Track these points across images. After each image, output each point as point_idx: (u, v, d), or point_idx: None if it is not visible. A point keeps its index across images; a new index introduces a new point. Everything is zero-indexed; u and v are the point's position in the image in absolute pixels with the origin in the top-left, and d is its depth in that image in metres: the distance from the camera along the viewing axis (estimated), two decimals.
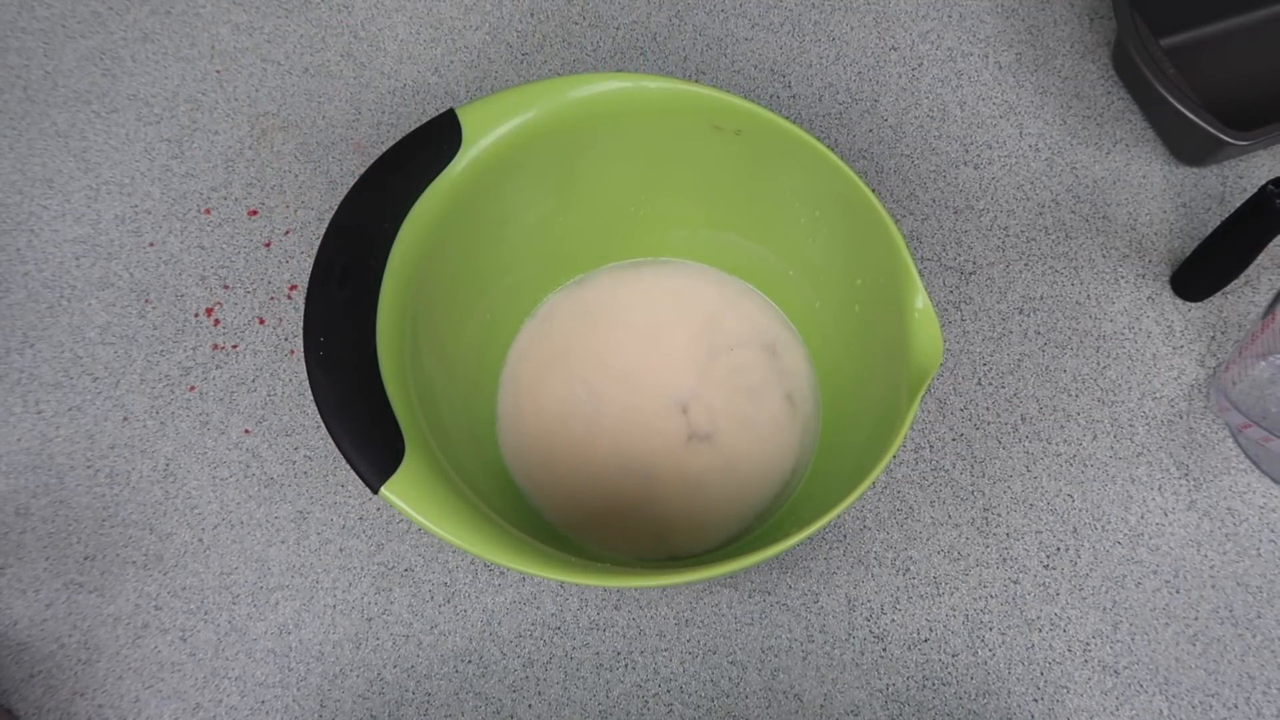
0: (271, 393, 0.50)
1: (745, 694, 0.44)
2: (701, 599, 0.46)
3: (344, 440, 0.35)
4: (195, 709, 0.44)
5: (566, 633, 0.45)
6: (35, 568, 0.47)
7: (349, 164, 0.55)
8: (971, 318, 0.51)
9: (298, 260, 0.53)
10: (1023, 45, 0.58)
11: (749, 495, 0.46)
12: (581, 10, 0.59)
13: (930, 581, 0.46)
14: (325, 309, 0.37)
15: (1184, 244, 0.53)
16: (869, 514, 0.47)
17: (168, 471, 0.48)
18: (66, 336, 0.51)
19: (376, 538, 0.47)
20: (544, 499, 0.46)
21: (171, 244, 0.53)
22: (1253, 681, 0.44)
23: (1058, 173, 0.55)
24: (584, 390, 0.48)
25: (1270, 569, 0.46)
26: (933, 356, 0.37)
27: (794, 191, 0.44)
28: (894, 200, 0.54)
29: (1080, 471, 0.48)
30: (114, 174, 0.55)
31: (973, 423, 0.49)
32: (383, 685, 0.45)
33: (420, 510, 0.34)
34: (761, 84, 0.57)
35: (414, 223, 0.40)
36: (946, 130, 0.56)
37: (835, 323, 0.46)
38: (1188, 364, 0.50)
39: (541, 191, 0.45)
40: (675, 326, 0.49)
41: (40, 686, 0.45)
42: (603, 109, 0.42)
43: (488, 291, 0.46)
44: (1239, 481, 0.48)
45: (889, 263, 0.39)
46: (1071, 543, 0.47)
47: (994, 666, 0.45)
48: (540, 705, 0.44)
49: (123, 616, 0.46)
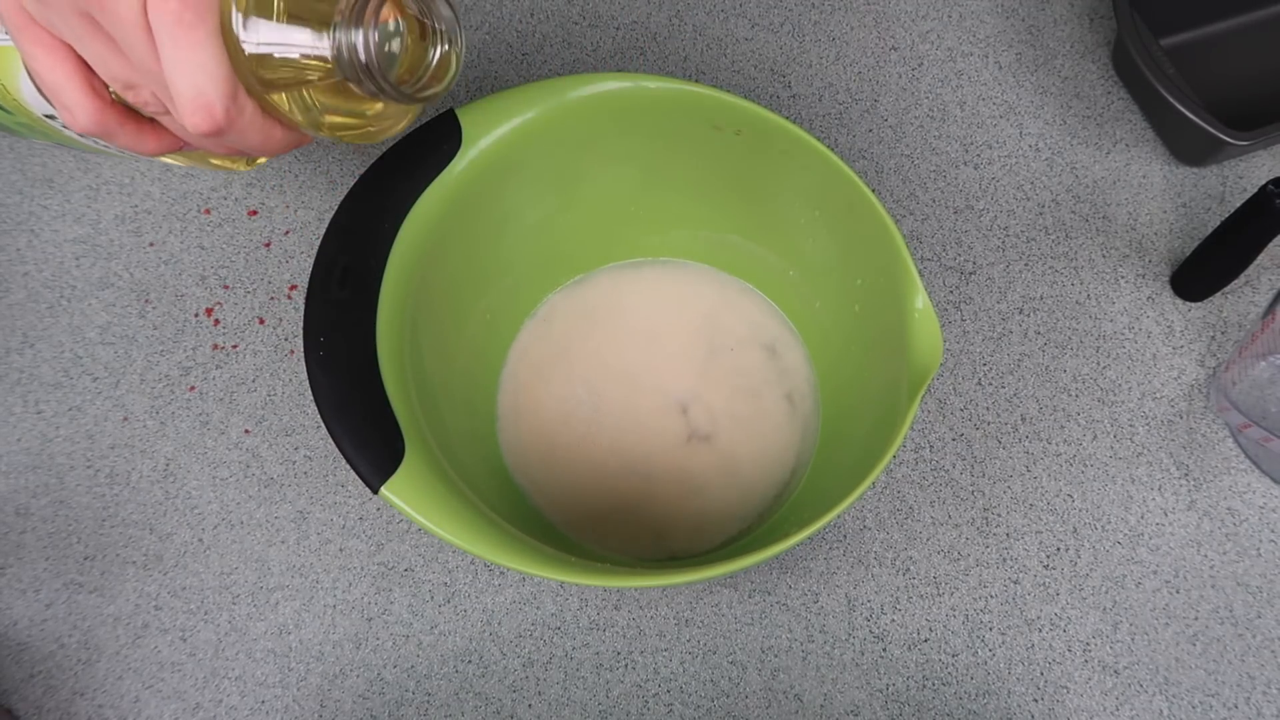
0: (271, 393, 0.50)
1: (745, 694, 0.44)
2: (701, 599, 0.46)
3: (344, 440, 0.35)
4: (195, 709, 0.44)
5: (566, 633, 0.45)
6: (35, 568, 0.47)
7: (349, 164, 0.55)
8: (971, 318, 0.51)
9: (298, 260, 0.53)
10: (1023, 45, 0.58)
11: (749, 495, 0.46)
12: (581, 10, 0.59)
13: (930, 581, 0.46)
14: (325, 309, 0.37)
15: (1184, 244, 0.53)
16: (869, 514, 0.47)
17: (168, 471, 0.48)
18: (66, 336, 0.51)
19: (376, 538, 0.47)
20: (544, 498, 0.46)
21: (171, 244, 0.53)
22: (1253, 681, 0.45)
23: (1058, 173, 0.55)
24: (584, 390, 0.48)
25: (1270, 569, 0.46)
26: (933, 356, 0.37)
27: (794, 191, 0.44)
28: (894, 200, 0.54)
29: (1080, 471, 0.48)
30: (114, 174, 0.55)
31: (973, 423, 0.49)
32: (383, 685, 0.45)
33: (420, 510, 0.34)
34: (761, 84, 0.57)
35: (414, 223, 0.40)
36: (946, 130, 0.56)
37: (835, 323, 0.46)
38: (1188, 364, 0.50)
39: (541, 191, 0.45)
40: (675, 326, 0.49)
41: (40, 686, 0.45)
42: (603, 109, 0.42)
43: (488, 291, 0.46)
44: (1239, 481, 0.48)
45: (889, 263, 0.39)
46: (1071, 543, 0.47)
47: (994, 666, 0.45)
48: (540, 705, 0.44)
49: (123, 616, 0.46)
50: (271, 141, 0.31)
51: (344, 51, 0.29)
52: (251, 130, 0.30)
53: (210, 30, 0.28)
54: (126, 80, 0.30)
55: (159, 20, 0.27)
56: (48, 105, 0.35)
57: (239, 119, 0.29)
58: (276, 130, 0.31)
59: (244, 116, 0.29)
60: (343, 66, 0.30)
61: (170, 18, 0.27)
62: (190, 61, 0.27)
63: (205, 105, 0.28)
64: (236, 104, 0.29)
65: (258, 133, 0.30)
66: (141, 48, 0.28)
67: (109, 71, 0.29)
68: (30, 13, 0.29)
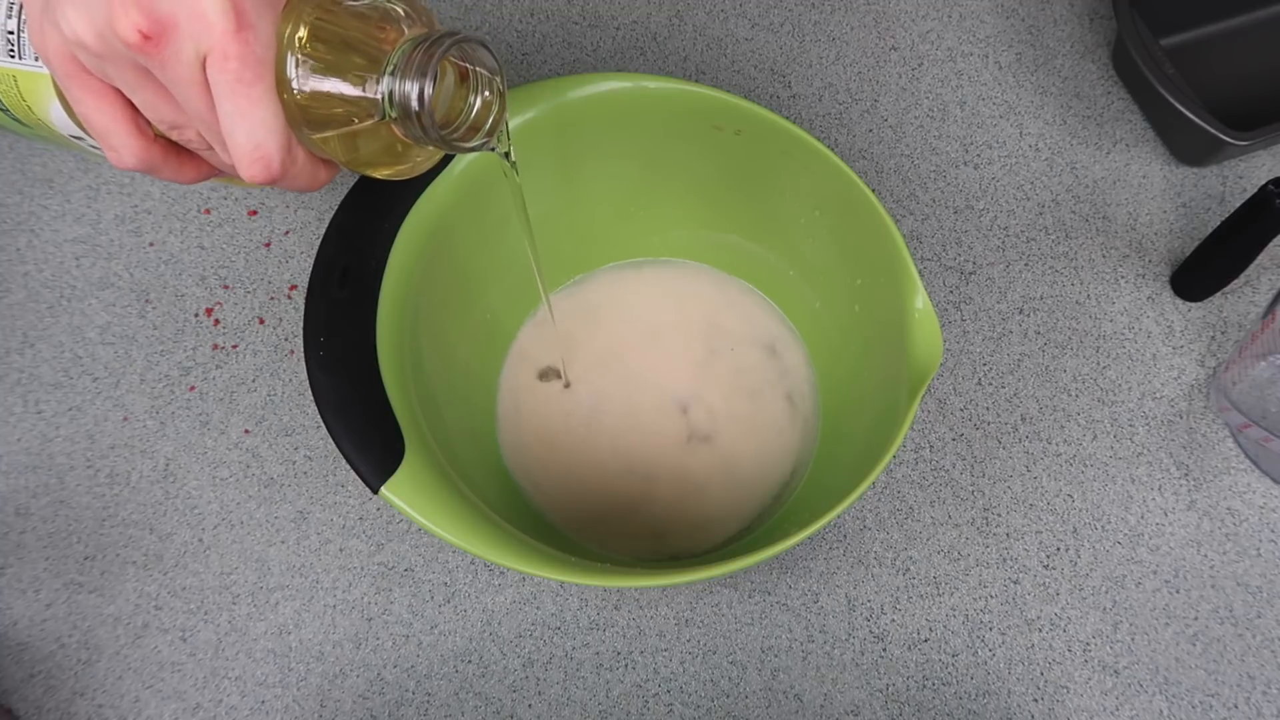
0: (271, 393, 0.50)
1: (745, 694, 0.44)
2: (701, 599, 0.46)
3: (344, 440, 0.35)
4: (195, 709, 0.44)
5: (566, 633, 0.45)
6: (35, 568, 0.47)
7: None
8: (971, 318, 0.51)
9: (298, 260, 0.53)
10: (1023, 45, 0.58)
11: (749, 495, 0.46)
12: (581, 10, 0.59)
13: (930, 581, 0.46)
14: (325, 310, 0.37)
15: (1184, 244, 0.53)
16: (869, 514, 0.47)
17: (168, 471, 0.48)
18: (66, 336, 0.51)
19: (376, 538, 0.47)
20: (544, 499, 0.46)
21: (171, 244, 0.53)
22: (1253, 681, 0.44)
23: (1058, 173, 0.55)
24: (584, 390, 0.48)
25: (1270, 569, 0.46)
26: (933, 356, 0.37)
27: (794, 191, 0.44)
28: (894, 200, 0.54)
29: (1080, 471, 0.48)
30: (114, 174, 0.55)
31: (973, 423, 0.49)
32: (383, 685, 0.45)
33: (420, 510, 0.34)
34: (761, 84, 0.57)
35: (414, 223, 0.40)
36: (946, 130, 0.56)
37: (835, 323, 0.46)
38: (1188, 364, 0.50)
39: (541, 191, 0.45)
40: (675, 326, 0.49)
41: (40, 686, 0.45)
42: (603, 109, 0.42)
43: (488, 291, 0.46)
44: (1239, 481, 0.48)
45: (889, 263, 0.39)
46: (1071, 543, 0.47)
47: (994, 666, 0.45)
48: (540, 705, 0.44)
49: (123, 616, 0.46)
50: (317, 183, 0.32)
51: (398, 99, 0.29)
52: (303, 176, 0.31)
53: (268, 87, 0.28)
54: (174, 123, 0.30)
55: (218, 79, 0.28)
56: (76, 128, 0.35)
57: (292, 168, 0.30)
58: (322, 172, 0.32)
59: (296, 165, 0.30)
60: (397, 116, 0.30)
61: (230, 76, 0.27)
62: (249, 117, 0.28)
63: (263, 158, 0.29)
64: (291, 155, 0.30)
65: (308, 178, 0.31)
66: (198, 102, 0.28)
67: (158, 116, 0.30)
68: (82, 61, 0.29)
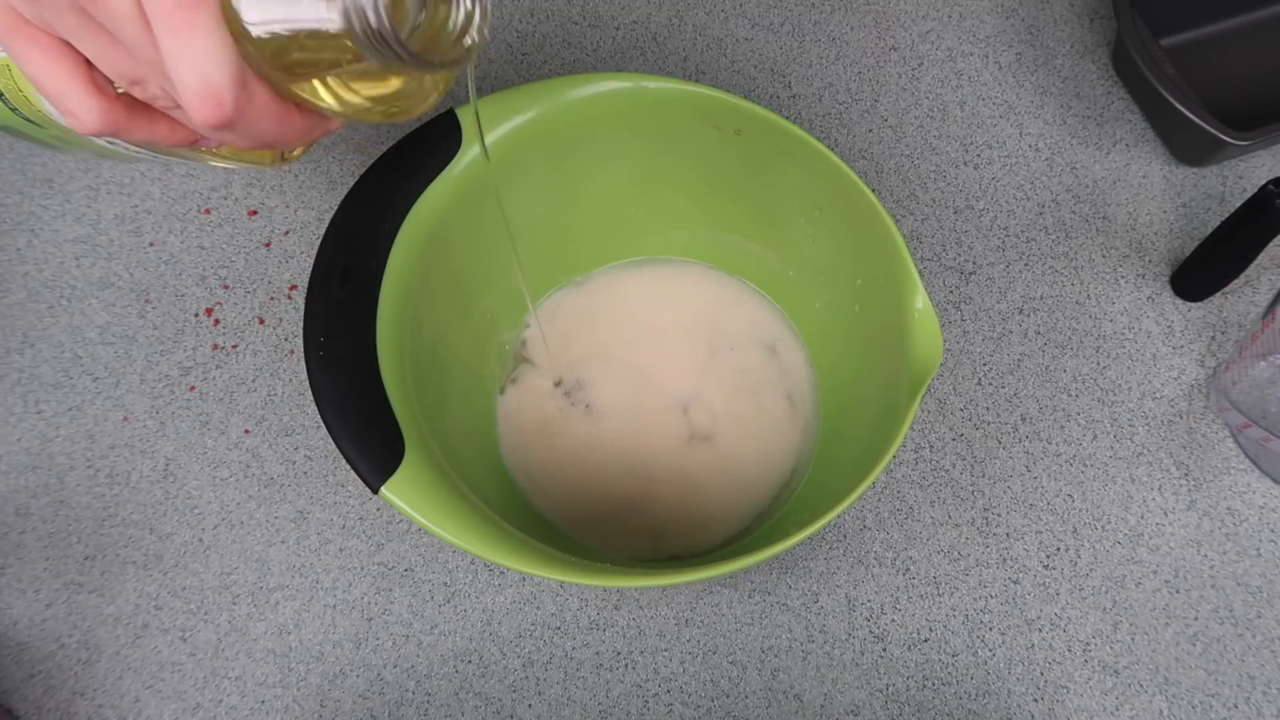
0: (271, 393, 0.50)
1: (745, 694, 0.44)
2: (701, 599, 0.46)
3: (344, 440, 0.35)
4: (195, 709, 0.44)
5: (566, 633, 0.45)
6: (35, 568, 0.47)
7: (349, 164, 0.55)
8: (971, 318, 0.51)
9: (298, 260, 0.53)
10: (1023, 45, 0.58)
11: (749, 495, 0.46)
12: (581, 10, 0.59)
13: (930, 581, 0.46)
14: (325, 310, 0.37)
15: (1184, 244, 0.53)
16: (869, 514, 0.47)
17: (168, 471, 0.48)
18: (66, 336, 0.51)
19: (376, 538, 0.47)
20: (544, 499, 0.46)
21: (171, 244, 0.53)
22: (1253, 681, 0.44)
23: (1058, 173, 0.55)
24: (584, 390, 0.48)
25: (1270, 569, 0.46)
26: (933, 356, 0.37)
27: (794, 191, 0.44)
28: (894, 200, 0.54)
29: (1080, 471, 0.48)
30: (114, 174, 0.55)
31: (973, 423, 0.49)
32: (383, 685, 0.45)
33: (420, 510, 0.34)
34: (761, 84, 0.57)
35: (414, 223, 0.40)
36: (946, 130, 0.56)
37: (835, 322, 0.46)
38: (1188, 364, 0.50)
39: (541, 191, 0.45)
40: (675, 326, 0.49)
41: (40, 686, 0.45)
42: (603, 109, 0.42)
43: (488, 291, 0.46)
44: (1239, 481, 0.48)
45: (889, 263, 0.39)
46: (1071, 543, 0.47)
47: (994, 666, 0.45)
48: (540, 705, 0.44)
49: (123, 616, 0.46)
50: (290, 129, 0.29)
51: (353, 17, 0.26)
52: (266, 118, 0.28)
53: (210, 12, 0.25)
54: (132, 75, 0.28)
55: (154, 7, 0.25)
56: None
57: (249, 107, 0.27)
58: (293, 116, 0.29)
59: (255, 104, 0.27)
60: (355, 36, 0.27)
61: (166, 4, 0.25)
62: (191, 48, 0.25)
63: (212, 94, 0.26)
64: (246, 91, 0.26)
65: (272, 120, 0.28)
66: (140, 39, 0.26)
67: (112, 67, 0.27)
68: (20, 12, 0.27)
